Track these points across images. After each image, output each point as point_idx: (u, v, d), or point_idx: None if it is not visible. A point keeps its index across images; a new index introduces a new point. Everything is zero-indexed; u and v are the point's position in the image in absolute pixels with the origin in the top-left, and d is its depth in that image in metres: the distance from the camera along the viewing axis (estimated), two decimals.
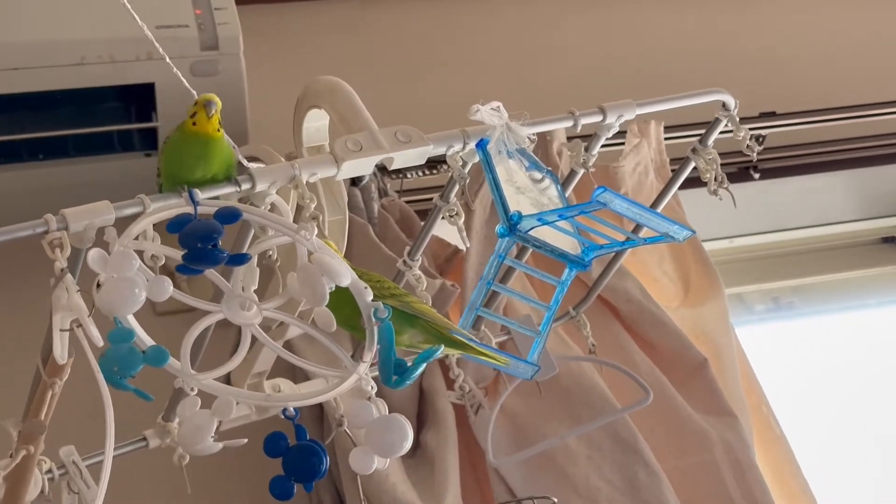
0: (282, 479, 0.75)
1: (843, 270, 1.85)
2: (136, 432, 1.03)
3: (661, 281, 1.56)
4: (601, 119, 1.00)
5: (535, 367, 0.90)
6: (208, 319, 0.75)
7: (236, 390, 0.76)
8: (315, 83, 0.97)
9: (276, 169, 0.83)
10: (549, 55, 1.83)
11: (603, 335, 1.39)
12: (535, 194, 0.91)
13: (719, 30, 1.90)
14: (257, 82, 1.46)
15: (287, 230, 0.77)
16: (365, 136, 0.87)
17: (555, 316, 0.93)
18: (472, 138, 0.91)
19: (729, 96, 1.05)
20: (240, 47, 1.41)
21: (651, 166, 1.60)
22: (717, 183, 1.07)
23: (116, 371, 0.69)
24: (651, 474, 1.31)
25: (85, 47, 1.37)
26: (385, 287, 0.85)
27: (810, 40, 1.92)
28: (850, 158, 1.77)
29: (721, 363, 1.47)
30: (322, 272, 0.75)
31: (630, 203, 0.82)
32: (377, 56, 1.77)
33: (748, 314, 1.81)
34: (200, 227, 0.73)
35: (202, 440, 0.73)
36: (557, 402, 1.35)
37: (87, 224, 0.75)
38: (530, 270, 0.96)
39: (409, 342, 0.86)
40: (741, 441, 1.38)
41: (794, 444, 1.48)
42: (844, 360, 1.75)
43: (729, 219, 1.71)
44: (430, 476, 1.29)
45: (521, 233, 0.83)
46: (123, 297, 0.69)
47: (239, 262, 0.75)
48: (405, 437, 0.75)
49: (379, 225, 1.48)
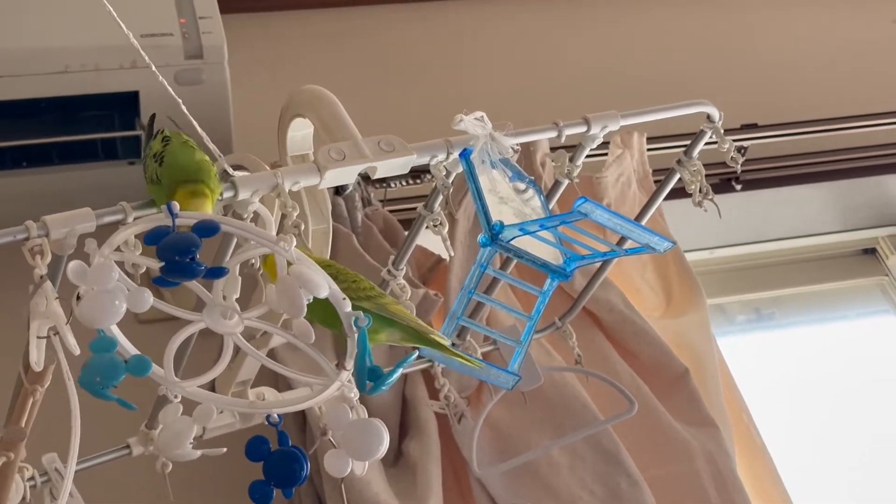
0: (261, 483, 0.75)
1: (824, 282, 1.85)
2: (120, 440, 1.03)
3: (644, 291, 1.57)
4: (585, 130, 1.00)
5: (517, 376, 0.90)
6: (190, 329, 0.75)
7: (219, 397, 0.76)
8: (299, 93, 0.98)
9: (258, 177, 0.83)
10: (535, 65, 1.84)
11: (585, 345, 1.39)
12: (518, 204, 0.92)
13: (701, 42, 1.91)
14: (242, 91, 1.47)
15: (266, 241, 0.78)
16: (348, 146, 0.87)
17: (536, 326, 0.93)
18: (455, 148, 0.91)
19: (714, 108, 1.06)
20: (224, 56, 1.41)
21: (634, 177, 1.61)
22: (702, 194, 1.08)
23: (99, 381, 0.69)
24: (633, 484, 1.31)
25: (69, 55, 1.37)
26: (361, 288, 0.85)
27: (792, 53, 1.94)
28: (830, 170, 1.78)
29: (702, 373, 1.48)
30: (300, 284, 0.75)
31: (611, 214, 0.82)
32: (362, 65, 1.77)
33: (729, 325, 1.82)
34: (178, 240, 0.73)
35: (180, 446, 0.74)
36: (540, 412, 1.35)
37: (69, 231, 0.75)
38: (512, 280, 0.96)
39: (386, 339, 0.87)
40: (722, 451, 1.39)
41: (775, 453, 1.48)
42: (825, 370, 1.75)
43: (710, 230, 1.72)
44: (413, 485, 1.29)
45: (503, 243, 0.84)
46: (103, 310, 0.69)
47: (217, 276, 0.75)
48: (381, 440, 0.75)
49: (363, 234, 1.48)
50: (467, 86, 1.77)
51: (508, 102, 1.71)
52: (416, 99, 1.74)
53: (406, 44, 1.81)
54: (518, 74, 1.81)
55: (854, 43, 1.96)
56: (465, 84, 1.78)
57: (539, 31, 1.88)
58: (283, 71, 1.73)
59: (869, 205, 1.82)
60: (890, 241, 1.86)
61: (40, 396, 0.80)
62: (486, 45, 1.84)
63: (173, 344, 0.73)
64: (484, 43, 1.85)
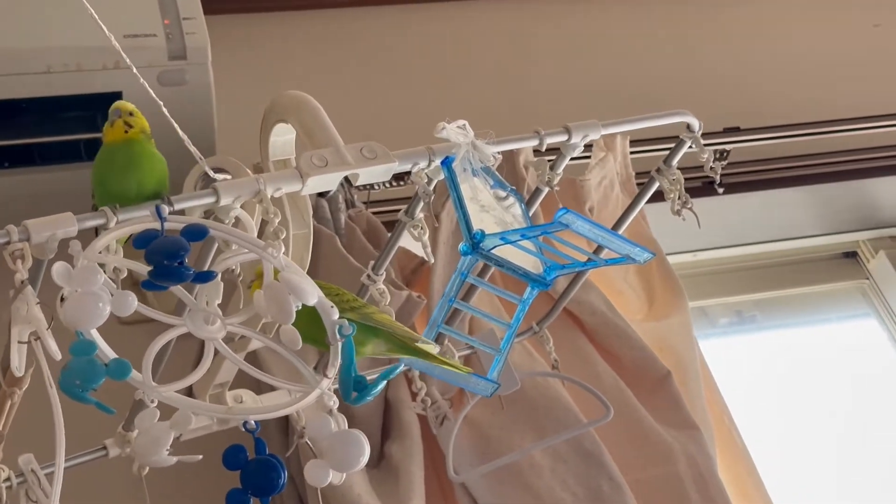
0: (239, 492, 0.75)
1: (805, 285, 1.86)
2: (97, 441, 1.02)
3: (626, 294, 1.57)
4: (566, 138, 1.00)
5: (496, 384, 0.91)
6: (172, 333, 0.75)
7: (198, 403, 0.76)
8: (282, 97, 0.98)
9: (240, 183, 0.83)
10: (519, 69, 1.84)
11: (567, 347, 1.40)
12: (499, 212, 0.92)
13: (684, 47, 1.92)
14: (225, 92, 1.46)
15: (255, 247, 0.78)
16: (330, 152, 0.87)
17: (516, 334, 0.93)
18: (437, 156, 0.91)
19: (693, 118, 1.06)
20: (208, 57, 1.41)
21: (617, 180, 1.61)
22: (681, 203, 1.08)
23: (78, 384, 0.69)
24: (615, 487, 1.32)
25: (52, 56, 1.37)
26: (344, 300, 0.85)
27: (774, 57, 1.94)
28: (812, 174, 1.79)
29: (684, 376, 1.48)
30: (289, 291, 0.75)
31: (592, 224, 0.82)
32: (346, 68, 1.77)
33: (711, 327, 1.82)
34: (167, 244, 0.73)
35: (157, 452, 0.74)
36: (522, 413, 1.35)
37: (50, 235, 0.75)
38: (492, 289, 0.96)
39: (372, 352, 0.87)
40: (704, 453, 1.39)
41: (756, 456, 1.49)
42: (806, 373, 1.76)
43: (693, 233, 1.71)
44: (395, 487, 1.29)
45: (484, 251, 0.84)
46: (88, 312, 0.69)
47: (205, 280, 0.75)
48: (362, 452, 0.75)
49: (346, 236, 1.48)
50: (452, 91, 1.77)
51: (491, 107, 1.72)
52: (400, 103, 1.73)
53: (390, 47, 1.81)
54: (502, 79, 1.81)
55: (837, 47, 1.97)
56: (450, 89, 1.78)
57: (523, 36, 1.88)
58: (267, 73, 1.72)
59: (850, 208, 1.83)
60: (871, 244, 1.86)
61: (18, 399, 0.80)
62: (469, 50, 1.85)
63: (153, 348, 0.73)
64: (467, 48, 1.85)
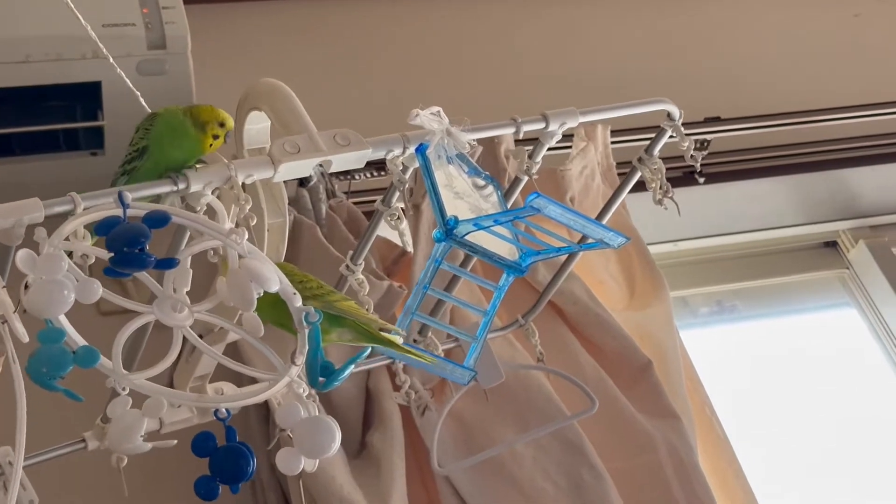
0: (207, 479, 0.75)
1: (786, 274, 1.86)
2: (77, 434, 1.02)
3: (607, 283, 1.57)
4: (544, 126, 1.00)
5: (472, 371, 0.91)
6: (140, 320, 0.75)
7: (167, 390, 0.76)
8: (256, 85, 0.97)
9: (211, 170, 0.83)
10: (498, 60, 1.84)
11: (549, 337, 1.40)
12: (475, 200, 0.92)
13: (665, 35, 1.92)
14: (205, 82, 1.46)
15: (217, 234, 0.77)
16: (303, 139, 0.87)
17: (492, 321, 0.93)
18: (412, 143, 0.91)
19: (674, 106, 1.06)
20: (187, 46, 1.40)
21: (598, 169, 1.61)
22: (662, 192, 1.08)
23: (45, 371, 0.69)
24: (596, 476, 1.32)
25: (30, 45, 1.36)
26: (307, 287, 0.85)
27: (755, 46, 1.94)
28: (793, 164, 1.79)
29: (665, 365, 1.48)
30: (251, 277, 0.75)
31: (564, 209, 0.82)
32: (325, 58, 1.76)
33: (692, 317, 1.82)
34: (128, 231, 0.72)
35: (131, 440, 0.73)
36: (504, 404, 1.35)
37: (16, 221, 0.75)
38: (466, 275, 0.96)
39: (337, 339, 0.87)
40: (685, 443, 1.39)
41: (737, 445, 1.49)
42: (786, 362, 1.76)
43: (674, 222, 1.72)
44: (377, 477, 1.29)
45: (458, 237, 0.84)
46: (52, 299, 0.69)
47: (167, 267, 0.74)
48: (332, 438, 0.75)
49: (327, 226, 1.48)
50: (430, 80, 1.77)
51: (472, 97, 1.71)
52: (380, 93, 1.73)
53: (368, 37, 1.81)
54: (480, 70, 1.81)
55: (817, 37, 1.97)
56: (428, 78, 1.77)
57: (501, 26, 1.88)
58: (247, 62, 1.72)
59: (830, 198, 1.83)
60: (851, 234, 1.87)
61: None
62: (450, 39, 1.84)
63: (122, 336, 0.73)
64: (448, 37, 1.84)
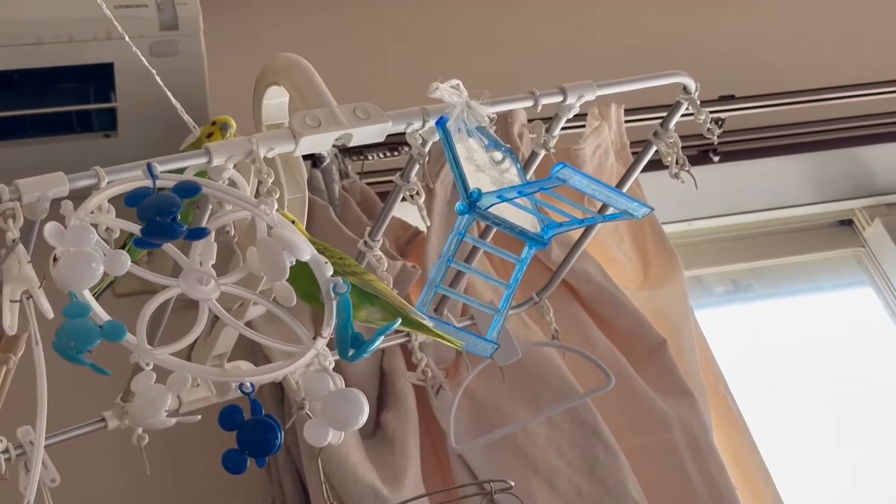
0: (235, 452, 0.75)
1: (801, 253, 1.86)
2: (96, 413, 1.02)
3: (621, 262, 1.57)
4: (562, 99, 1.00)
5: (495, 344, 0.90)
6: (165, 294, 0.75)
7: (192, 365, 0.76)
8: (274, 60, 0.97)
9: (233, 143, 0.83)
10: (513, 36, 1.83)
11: (562, 316, 1.39)
12: (495, 173, 0.91)
13: (679, 13, 1.91)
14: (217, 62, 1.46)
15: (247, 205, 0.77)
16: (324, 112, 0.86)
17: (514, 294, 0.93)
18: (431, 116, 0.91)
19: (689, 79, 1.05)
20: (200, 27, 1.40)
21: (611, 149, 1.61)
22: (679, 166, 1.08)
23: (73, 345, 0.69)
24: (610, 454, 1.32)
25: (43, 27, 1.36)
26: (346, 264, 0.85)
27: (769, 24, 1.94)
28: (808, 142, 1.79)
29: (679, 344, 1.48)
30: (282, 246, 0.74)
31: (590, 180, 0.82)
32: (338, 34, 1.76)
33: (707, 296, 1.82)
34: (159, 201, 0.72)
35: (155, 414, 0.73)
36: (518, 382, 1.35)
37: (41, 195, 0.75)
38: (489, 248, 0.96)
39: (366, 318, 0.87)
40: (699, 421, 1.39)
41: (751, 424, 1.49)
42: (801, 341, 1.76)
43: (688, 201, 1.72)
44: (391, 457, 1.29)
45: (481, 210, 0.83)
46: (80, 271, 0.69)
47: (198, 237, 0.74)
48: (360, 410, 0.75)
49: (340, 206, 1.48)
50: (446, 56, 1.77)
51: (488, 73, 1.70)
52: (394, 67, 1.73)
53: (384, 12, 1.80)
54: (497, 44, 1.81)
55: (832, 14, 1.96)
56: (445, 54, 1.77)
57: (520, 2, 1.87)
58: (259, 42, 1.71)
59: (846, 176, 1.83)
60: (867, 212, 1.86)
61: (14, 365, 0.80)
62: (466, 15, 1.84)
63: (147, 310, 0.72)
64: (464, 13, 1.84)
